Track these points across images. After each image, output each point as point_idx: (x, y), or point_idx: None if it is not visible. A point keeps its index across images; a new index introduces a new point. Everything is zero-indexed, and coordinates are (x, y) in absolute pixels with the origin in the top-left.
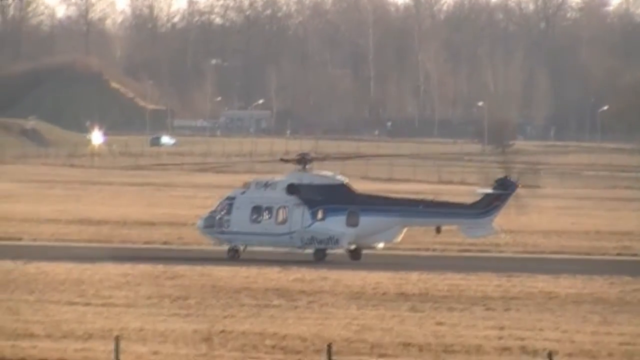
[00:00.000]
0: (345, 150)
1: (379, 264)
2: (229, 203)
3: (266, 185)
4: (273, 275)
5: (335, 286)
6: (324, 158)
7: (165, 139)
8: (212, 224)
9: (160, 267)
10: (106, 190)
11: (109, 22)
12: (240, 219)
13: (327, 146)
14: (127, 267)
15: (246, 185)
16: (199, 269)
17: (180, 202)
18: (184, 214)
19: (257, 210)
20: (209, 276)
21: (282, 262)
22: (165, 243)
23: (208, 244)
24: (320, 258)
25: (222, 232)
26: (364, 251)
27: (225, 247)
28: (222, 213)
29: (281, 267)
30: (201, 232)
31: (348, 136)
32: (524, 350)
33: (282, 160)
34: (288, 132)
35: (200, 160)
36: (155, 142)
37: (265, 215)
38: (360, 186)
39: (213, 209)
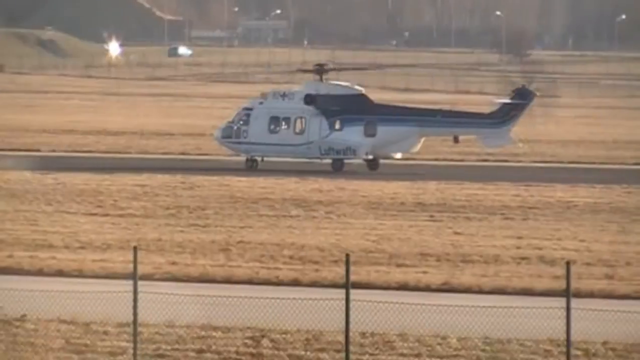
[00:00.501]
0: (363, 61)
1: (396, 174)
2: (247, 113)
3: (284, 95)
4: (291, 186)
5: (352, 196)
6: (341, 68)
7: (183, 50)
8: (230, 134)
9: (178, 178)
10: (123, 101)
11: None
12: (258, 130)
13: (344, 56)
14: (144, 178)
15: (264, 96)
16: (216, 179)
17: (198, 113)
18: (202, 124)
19: (274, 120)
20: (227, 186)
21: (300, 173)
22: (182, 153)
23: (226, 154)
24: (338, 168)
25: (240, 143)
26: (382, 161)
27: (243, 158)
28: (240, 123)
29: (299, 178)
30: (219, 143)
31: (365, 46)
32: (541, 259)
33: (299, 70)
34: (305, 42)
35: (218, 71)
36: (173, 52)
37: (283, 126)
38: (378, 96)
39: (231, 119)
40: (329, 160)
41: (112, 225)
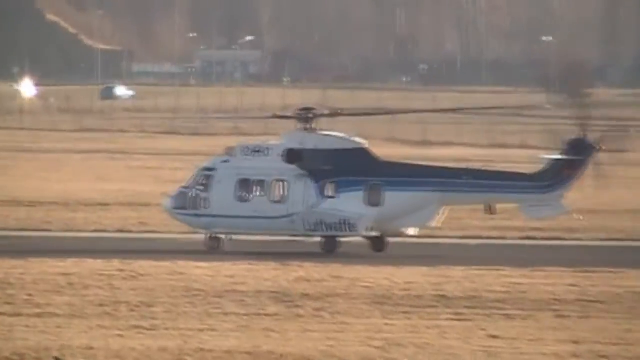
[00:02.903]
0: (364, 104)
1: (410, 256)
2: (207, 175)
3: (257, 151)
4: (267, 274)
5: (351, 287)
6: (335, 114)
7: (121, 90)
8: (185, 203)
9: (114, 264)
10: (41, 160)
11: None
12: (222, 197)
13: (338, 98)
14: (70, 264)
15: (230, 152)
16: (167, 265)
17: (141, 175)
18: (147, 190)
19: (244, 185)
20: (180, 275)
21: (280, 256)
22: (120, 230)
23: (179, 231)
24: (330, 249)
25: (199, 215)
26: (390, 239)
27: (203, 235)
28: (198, 189)
29: (278, 263)
30: (170, 215)
31: (367, 84)
32: None
33: (277, 116)
34: (285, 79)
35: (168, 118)
36: (108, 93)
37: (256, 192)
38: (385, 152)
39: (185, 183)
40: (318, 239)
41: (26, 329)
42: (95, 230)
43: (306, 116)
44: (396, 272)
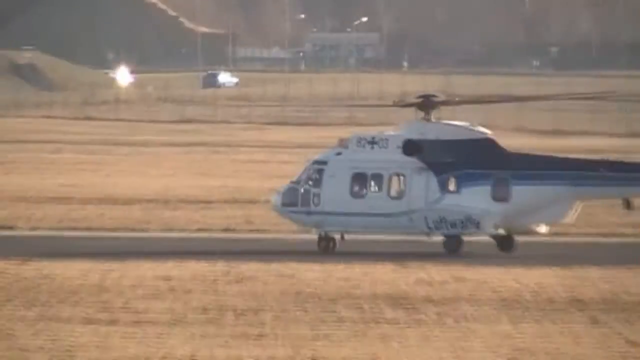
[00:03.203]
0: (489, 90)
1: (540, 256)
2: (319, 169)
3: (373, 142)
4: (385, 276)
5: (476, 290)
6: (458, 101)
7: (224, 77)
8: (294, 200)
9: (219, 266)
10: (138, 154)
11: None
12: (335, 193)
13: (461, 84)
14: (170, 267)
15: (343, 144)
16: (276, 268)
17: (247, 170)
18: (253, 186)
19: (359, 179)
20: (291, 278)
21: (398, 257)
22: (225, 230)
23: (289, 230)
24: (453, 249)
25: (309, 213)
26: (519, 238)
27: (314, 235)
28: (309, 184)
29: (396, 264)
30: (278, 213)
31: (492, 69)
32: None
33: (395, 105)
34: (404, 64)
35: (276, 107)
36: (210, 81)
37: (372, 187)
38: (512, 142)
39: (295, 178)
40: (440, 237)
41: (123, 338)
42: (198, 230)
43: (427, 104)
44: (525, 273)
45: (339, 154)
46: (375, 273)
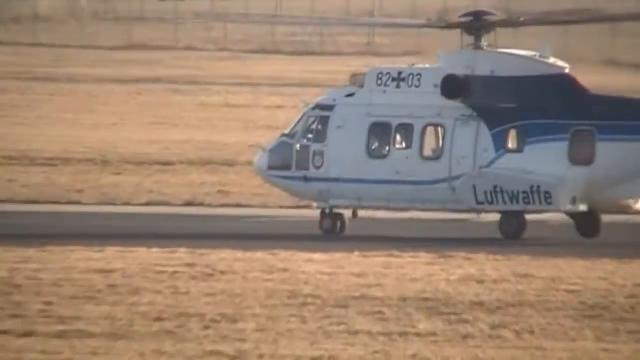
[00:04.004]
0: (564, 6)
1: (638, 245)
2: (322, 118)
3: (399, 79)
4: (417, 271)
5: (548, 293)
6: (522, 22)
7: None
8: (287, 161)
9: (181, 255)
10: (67, 95)
11: None
12: (345, 151)
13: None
14: (111, 255)
15: (357, 81)
16: (261, 258)
17: (222, 118)
18: (230, 142)
19: (379, 132)
20: (283, 273)
21: (435, 243)
22: (190, 204)
23: (280, 204)
24: (513, 232)
25: (308, 179)
26: (606, 217)
27: (316, 210)
28: (308, 139)
29: (433, 254)
30: (264, 178)
31: None
32: None
33: (433, 25)
34: None
35: (262, 23)
36: None
37: (398, 143)
38: (599, 81)
39: (289, 130)
40: (494, 216)
41: (43, 355)
42: (150, 204)
43: (477, 24)
44: (618, 269)
45: (350, 95)
46: (404, 266)
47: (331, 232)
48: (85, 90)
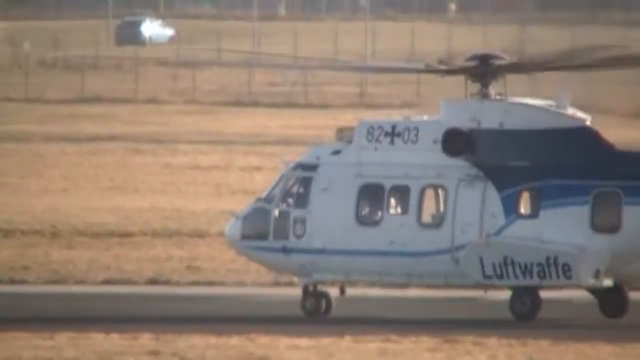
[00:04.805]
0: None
1: None
2: (304, 179)
3: (393, 133)
4: (418, 359)
5: None
6: (537, 67)
7: (152, 28)
8: (263, 230)
9: (144, 341)
10: (10, 155)
11: None
12: (330, 219)
13: (545, 38)
14: (63, 342)
15: (345, 136)
16: (236, 344)
17: (190, 182)
18: (199, 209)
19: (371, 195)
20: None
21: (437, 326)
22: (154, 282)
23: (258, 281)
24: (526, 312)
25: (288, 250)
26: (634, 294)
27: (297, 284)
28: (287, 204)
29: (436, 338)
30: (236, 249)
31: (601, 14)
32: None
33: (432, 70)
34: (452, 6)
35: (237, 76)
36: (129, 33)
37: (393, 208)
38: (627, 135)
39: (265, 194)
40: (503, 293)
41: None
42: (107, 282)
43: (484, 70)
44: None
45: (337, 152)
46: (403, 353)
47: (315, 313)
48: (30, 150)
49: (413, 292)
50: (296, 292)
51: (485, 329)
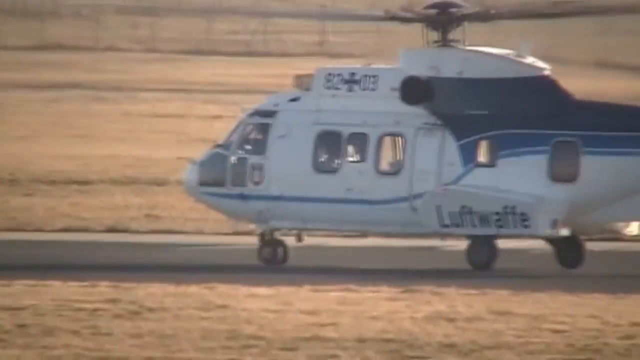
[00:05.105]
0: None
1: (631, 276)
2: (262, 126)
3: (352, 80)
4: (377, 307)
5: (529, 333)
6: (495, 15)
7: None
8: (220, 176)
9: (102, 289)
10: None
11: None
12: (287, 165)
13: None
14: (20, 290)
15: (303, 83)
16: (196, 292)
17: (149, 130)
18: (158, 157)
19: (329, 142)
20: (222, 310)
21: (394, 275)
22: (112, 230)
23: (218, 229)
24: (483, 260)
25: (245, 197)
26: (593, 244)
27: (254, 231)
28: (245, 150)
29: (395, 287)
30: (194, 196)
31: None
32: None
33: (391, 17)
34: None
35: (197, 23)
36: None
37: (350, 156)
38: (588, 85)
39: (222, 141)
40: (459, 242)
41: None
42: (66, 229)
43: (443, 18)
44: (610, 304)
45: (295, 100)
46: (361, 302)
47: (271, 262)
48: None
49: (372, 241)
50: (255, 240)
51: (446, 278)
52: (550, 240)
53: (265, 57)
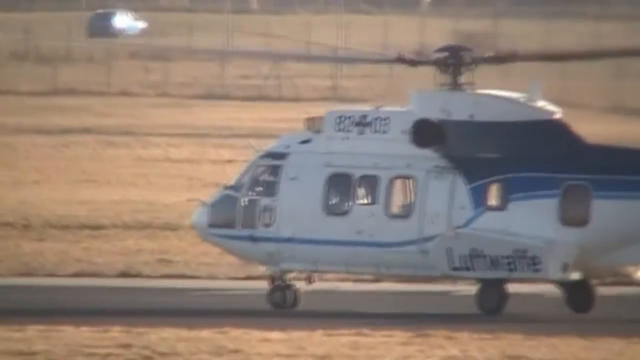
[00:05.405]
0: (563, 42)
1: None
2: (272, 168)
3: (363, 123)
4: (392, 352)
5: None
6: (507, 56)
7: (124, 20)
8: (230, 217)
9: (115, 334)
10: None
11: None
12: (298, 208)
13: (518, 32)
14: (33, 335)
15: (313, 125)
16: (208, 337)
17: (162, 174)
18: (170, 202)
19: (339, 185)
20: (235, 355)
21: (406, 319)
22: (124, 275)
23: (230, 274)
24: (494, 305)
25: (255, 239)
26: (603, 289)
27: (265, 273)
28: (255, 192)
29: (407, 331)
30: (204, 237)
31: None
32: None
33: (403, 61)
34: None
35: (209, 69)
36: (101, 25)
37: (361, 198)
38: (601, 129)
39: (232, 182)
40: (468, 286)
41: None
42: (78, 274)
43: (454, 61)
44: (625, 349)
45: (306, 142)
46: (374, 347)
47: (281, 305)
48: (2, 142)
49: (385, 286)
50: (264, 283)
51: (459, 322)
52: (561, 284)
53: (278, 101)
